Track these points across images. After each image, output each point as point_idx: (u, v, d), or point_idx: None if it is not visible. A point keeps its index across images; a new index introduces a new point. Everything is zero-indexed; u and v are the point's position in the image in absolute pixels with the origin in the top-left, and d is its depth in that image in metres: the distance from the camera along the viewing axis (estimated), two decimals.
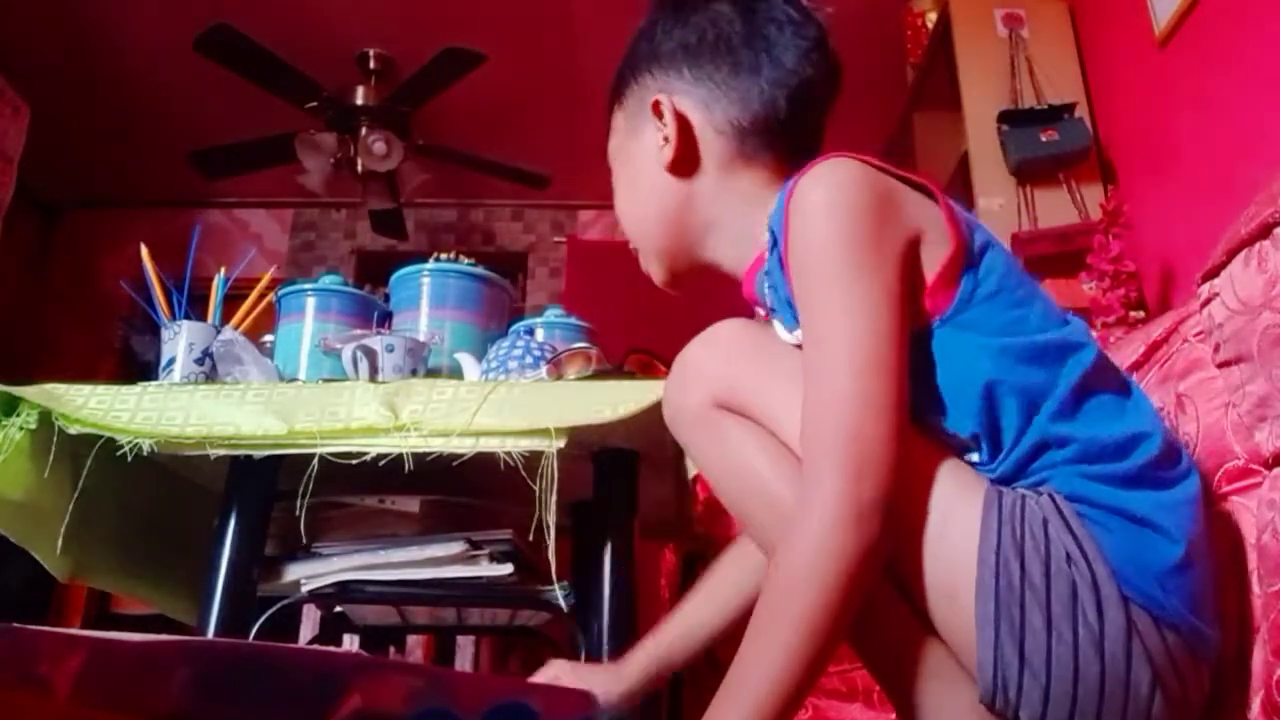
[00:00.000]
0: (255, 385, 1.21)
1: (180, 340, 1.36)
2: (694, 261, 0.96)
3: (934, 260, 0.79)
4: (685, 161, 0.92)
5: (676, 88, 0.92)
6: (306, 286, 1.57)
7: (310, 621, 1.91)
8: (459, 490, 1.30)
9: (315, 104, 3.60)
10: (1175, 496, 0.77)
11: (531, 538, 1.09)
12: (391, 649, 2.03)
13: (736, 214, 0.91)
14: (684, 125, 0.91)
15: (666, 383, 0.90)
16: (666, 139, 0.91)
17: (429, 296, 1.55)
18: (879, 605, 0.77)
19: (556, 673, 0.98)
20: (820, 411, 0.73)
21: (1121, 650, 0.71)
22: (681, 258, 0.97)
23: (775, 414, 0.80)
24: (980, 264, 0.81)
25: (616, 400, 1.13)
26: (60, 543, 1.18)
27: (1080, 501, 0.75)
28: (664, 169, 0.92)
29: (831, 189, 0.78)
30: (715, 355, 0.86)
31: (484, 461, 1.13)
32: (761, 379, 0.82)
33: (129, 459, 1.12)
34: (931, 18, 3.29)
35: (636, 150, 0.96)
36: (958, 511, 0.74)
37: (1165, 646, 0.72)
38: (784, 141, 0.91)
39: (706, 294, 1.76)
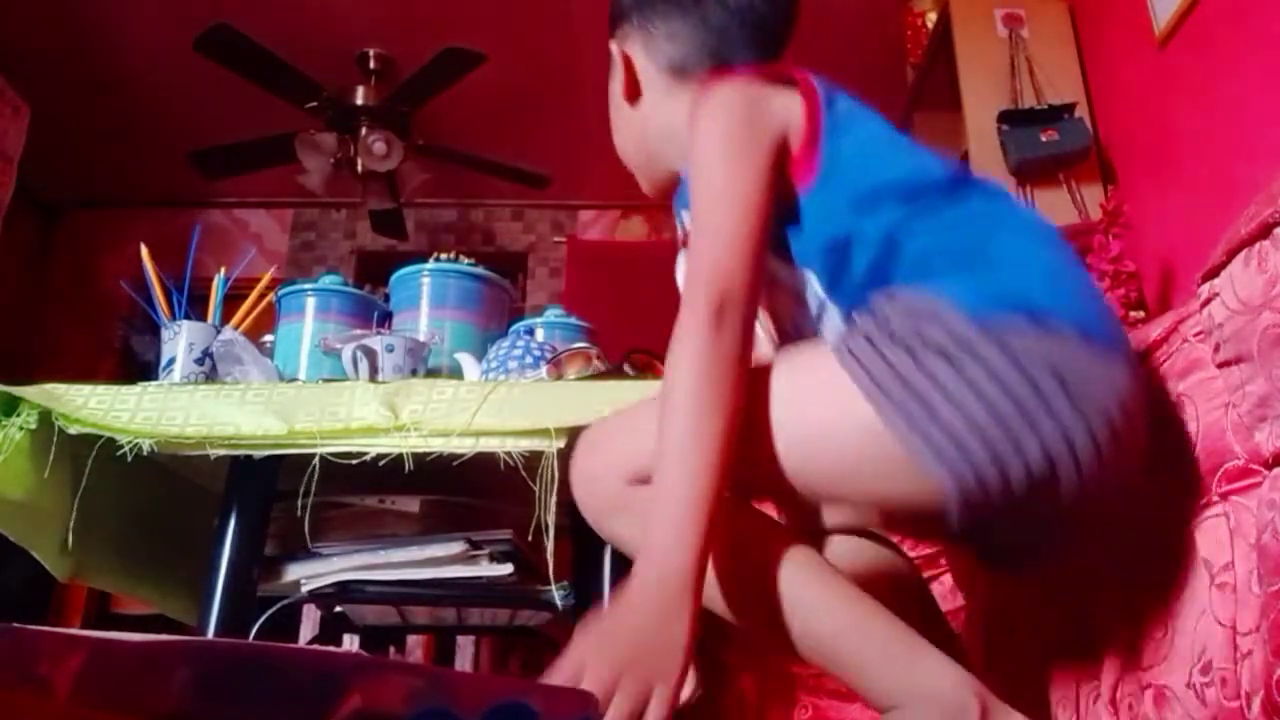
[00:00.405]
0: (255, 385, 1.21)
1: (180, 340, 1.36)
2: (664, 171, 1.12)
3: (798, 142, 0.92)
4: (635, 93, 1.10)
5: (627, 35, 1.11)
6: (306, 286, 1.57)
7: (310, 621, 1.91)
8: (459, 490, 1.30)
9: (315, 104, 3.60)
10: (1008, 220, 0.91)
11: (531, 538, 1.09)
12: (391, 649, 2.03)
13: (682, 130, 1.02)
14: (629, 65, 1.09)
15: (576, 495, 0.92)
16: (621, 78, 1.11)
17: (429, 296, 1.55)
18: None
19: None
20: (693, 260, 0.86)
21: (1013, 370, 0.76)
22: (653, 169, 1.14)
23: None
24: (840, 138, 0.93)
25: (616, 400, 1.12)
26: (61, 542, 1.18)
27: (923, 259, 0.86)
28: (625, 100, 1.11)
29: (710, 106, 0.93)
30: (600, 453, 0.91)
31: (484, 461, 1.13)
32: (646, 435, 0.82)
33: (129, 459, 1.12)
34: (931, 18, 3.29)
35: (613, 91, 1.14)
36: (814, 380, 0.83)
37: (1053, 341, 0.78)
38: (715, 68, 1.04)
39: None
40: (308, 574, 1.23)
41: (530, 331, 1.56)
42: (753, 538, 0.86)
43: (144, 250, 1.47)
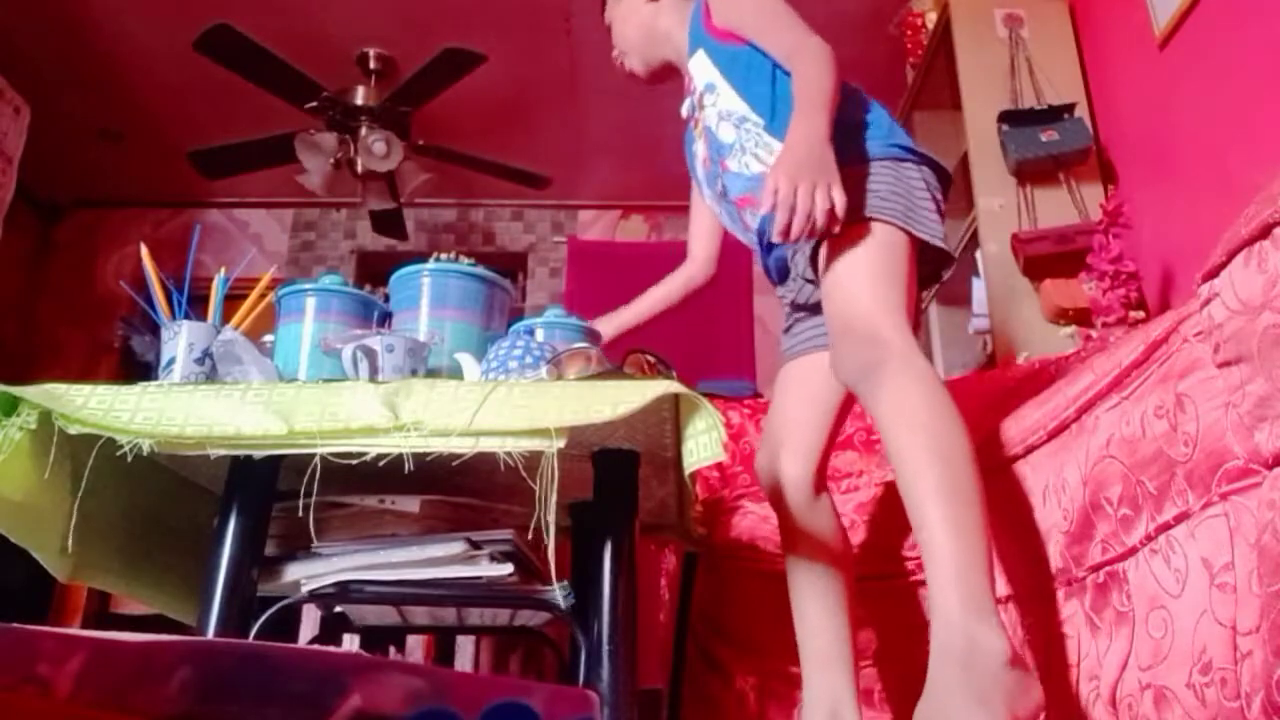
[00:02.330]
0: (255, 385, 1.21)
1: (180, 340, 1.36)
2: (659, 58, 1.69)
3: None
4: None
5: None
6: (306, 286, 1.57)
7: (310, 621, 1.91)
8: (459, 490, 1.30)
9: (315, 104, 3.60)
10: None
11: (531, 538, 1.08)
12: (391, 649, 2.03)
13: (676, 33, 1.64)
14: None
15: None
16: None
17: (429, 296, 1.55)
18: None
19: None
20: (806, 40, 1.41)
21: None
22: (651, 53, 1.70)
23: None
24: None
25: (616, 400, 1.12)
26: (61, 543, 1.18)
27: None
28: (645, 2, 1.70)
29: None
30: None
31: (484, 461, 1.13)
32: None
33: (129, 459, 1.12)
34: (931, 18, 3.29)
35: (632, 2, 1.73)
36: None
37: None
38: None
39: (703, 297, 1.77)
40: (308, 574, 1.23)
41: (530, 331, 1.56)
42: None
43: (144, 250, 1.47)
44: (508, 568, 1.22)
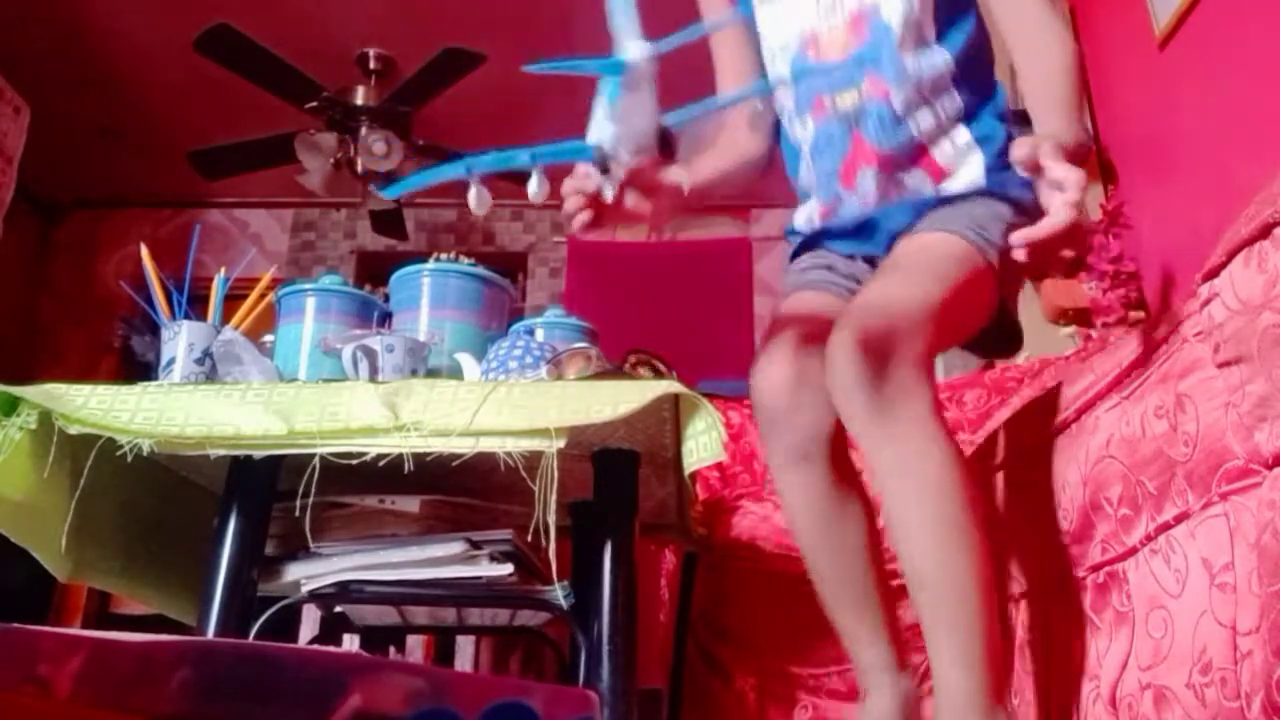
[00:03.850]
0: (255, 385, 1.21)
1: (180, 340, 1.36)
2: None
3: None
4: None
5: None
6: (306, 287, 1.57)
7: (310, 621, 1.91)
8: (459, 490, 1.31)
9: (315, 104, 3.61)
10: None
11: (531, 538, 1.09)
12: (391, 649, 2.03)
13: None
14: None
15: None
16: None
17: (429, 296, 1.55)
18: None
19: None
20: (1053, 13, 1.26)
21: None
22: None
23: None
24: None
25: (616, 400, 1.13)
26: (61, 542, 1.18)
27: None
28: None
29: None
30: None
31: (484, 461, 1.13)
32: None
33: (129, 459, 1.12)
34: None
35: None
36: None
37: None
38: None
39: (703, 297, 1.77)
40: (308, 574, 1.23)
41: (530, 331, 1.56)
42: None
43: (144, 250, 1.48)
44: (508, 568, 1.22)
